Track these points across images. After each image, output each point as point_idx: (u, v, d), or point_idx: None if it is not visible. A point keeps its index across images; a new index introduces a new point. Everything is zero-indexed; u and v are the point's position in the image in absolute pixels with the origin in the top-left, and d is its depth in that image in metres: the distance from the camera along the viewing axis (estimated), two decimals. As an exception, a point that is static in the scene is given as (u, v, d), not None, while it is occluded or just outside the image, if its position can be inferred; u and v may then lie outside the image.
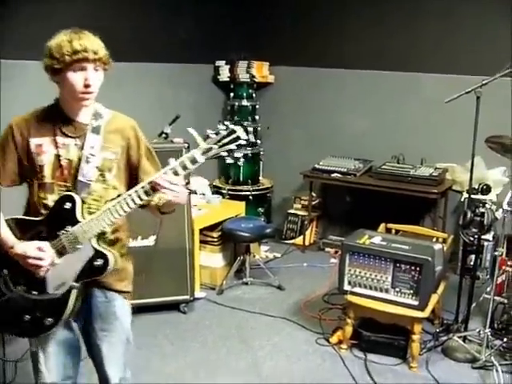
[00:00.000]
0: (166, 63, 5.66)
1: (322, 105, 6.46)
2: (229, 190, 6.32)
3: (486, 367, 3.83)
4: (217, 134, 2.21)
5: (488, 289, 4.06)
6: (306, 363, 4.02)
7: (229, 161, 6.29)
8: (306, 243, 6.33)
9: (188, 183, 4.52)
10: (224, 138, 2.19)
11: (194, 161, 2.21)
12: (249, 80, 6.42)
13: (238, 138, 2.20)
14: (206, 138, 2.21)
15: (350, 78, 6.24)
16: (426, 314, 3.87)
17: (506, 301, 4.23)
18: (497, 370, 3.72)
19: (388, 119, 6.08)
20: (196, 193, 5.35)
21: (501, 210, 4.01)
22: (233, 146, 2.21)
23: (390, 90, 6.03)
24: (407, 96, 5.93)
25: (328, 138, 6.40)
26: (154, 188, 2.25)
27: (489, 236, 5.02)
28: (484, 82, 3.97)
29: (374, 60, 6.02)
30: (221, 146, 2.20)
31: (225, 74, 6.50)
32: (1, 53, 4.05)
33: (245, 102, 6.43)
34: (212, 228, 5.22)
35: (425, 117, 5.82)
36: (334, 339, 4.23)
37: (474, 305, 4.31)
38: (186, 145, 4.32)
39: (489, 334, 3.92)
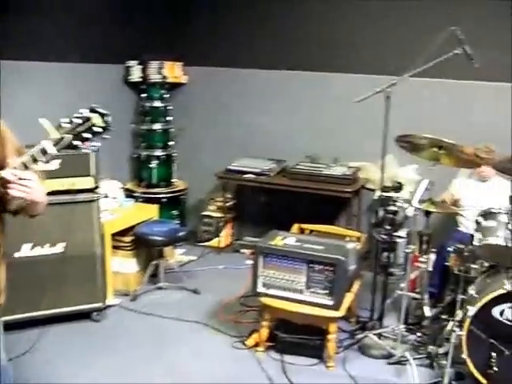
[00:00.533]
0: (75, 63, 5.43)
1: (236, 105, 6.42)
2: (142, 193, 6.18)
3: (401, 362, 3.90)
4: (70, 122, 2.07)
5: (402, 285, 4.12)
6: (223, 367, 3.96)
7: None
8: (222, 245, 6.29)
9: (97, 187, 4.38)
10: (78, 126, 2.06)
11: (44, 152, 2.05)
12: (160, 80, 6.29)
13: (94, 125, 2.08)
14: (58, 127, 2.06)
15: (263, 78, 6.23)
16: (340, 313, 3.88)
17: (419, 296, 4.29)
18: (411, 364, 3.81)
19: (301, 119, 6.11)
20: (108, 196, 5.20)
21: (412, 208, 4.09)
22: (88, 135, 2.08)
23: (302, 89, 6.06)
24: (319, 95, 5.97)
25: (242, 138, 6.38)
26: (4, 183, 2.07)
27: (402, 233, 5.11)
28: (393, 82, 4.05)
29: (286, 60, 6.03)
30: (75, 135, 2.06)
31: (136, 75, 6.32)
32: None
33: (157, 103, 6.30)
34: (124, 233, 5.07)
35: (337, 116, 5.87)
36: (250, 342, 4.19)
37: (388, 301, 4.38)
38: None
39: (403, 329, 3.99)
